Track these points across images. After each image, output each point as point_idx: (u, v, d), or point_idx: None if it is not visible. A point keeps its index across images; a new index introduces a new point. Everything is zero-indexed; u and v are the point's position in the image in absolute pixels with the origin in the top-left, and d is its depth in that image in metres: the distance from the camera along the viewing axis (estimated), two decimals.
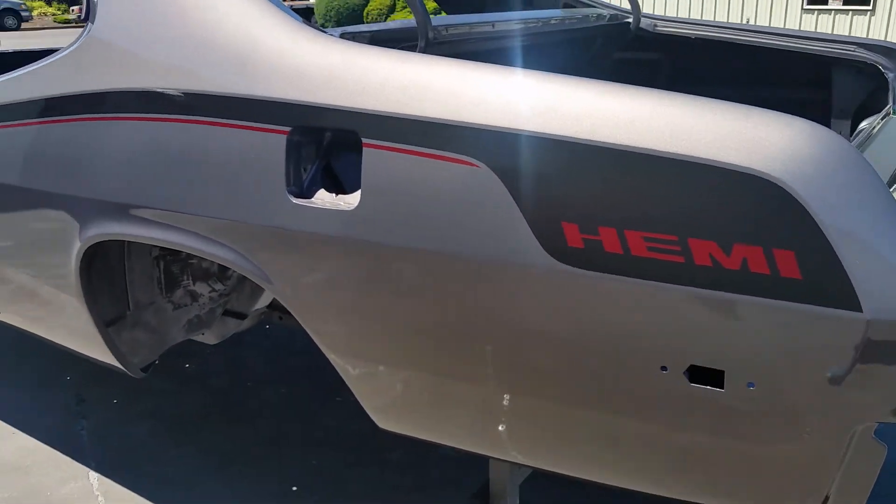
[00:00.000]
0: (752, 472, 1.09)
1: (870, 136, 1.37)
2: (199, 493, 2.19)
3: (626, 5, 2.62)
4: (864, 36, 12.17)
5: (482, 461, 1.68)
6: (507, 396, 1.21)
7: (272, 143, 1.26)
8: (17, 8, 28.81)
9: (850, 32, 13.15)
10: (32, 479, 2.29)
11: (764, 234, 0.94)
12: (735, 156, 0.94)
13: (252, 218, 1.31)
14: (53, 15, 33.36)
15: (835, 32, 13.26)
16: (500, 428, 1.26)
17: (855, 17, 13.13)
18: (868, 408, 0.97)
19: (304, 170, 1.28)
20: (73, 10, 31.92)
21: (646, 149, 0.99)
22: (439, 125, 1.13)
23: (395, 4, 19.49)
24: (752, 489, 1.11)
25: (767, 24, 14.41)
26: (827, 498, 1.07)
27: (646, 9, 15.22)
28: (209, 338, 2.14)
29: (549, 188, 1.06)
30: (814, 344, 0.96)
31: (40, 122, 1.60)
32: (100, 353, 1.84)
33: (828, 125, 2.29)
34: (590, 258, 1.04)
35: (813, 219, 0.92)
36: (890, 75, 2.07)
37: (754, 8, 14.48)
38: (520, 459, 1.30)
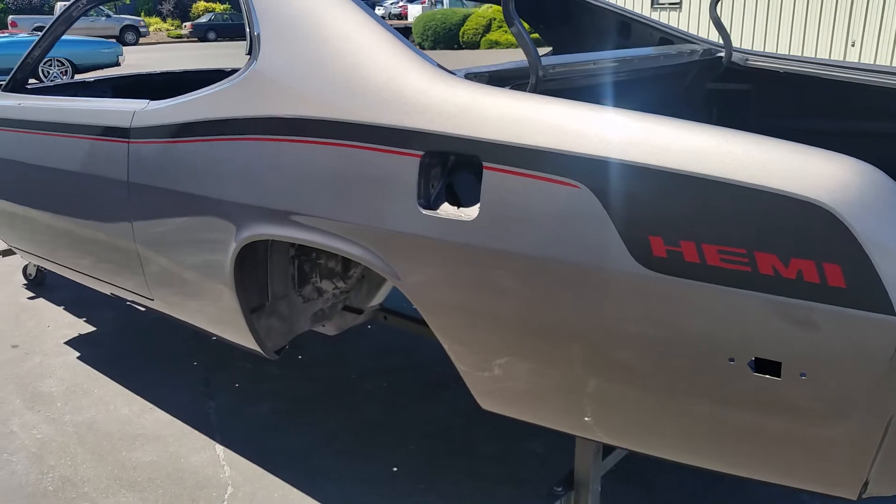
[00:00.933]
0: (803, 453, 1.25)
1: None
2: (310, 467, 2.47)
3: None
4: None
5: (566, 456, 1.88)
6: (595, 382, 1.42)
7: (408, 164, 1.52)
8: (136, 25, 30.91)
9: None
10: (170, 447, 2.62)
11: (816, 250, 1.12)
12: (793, 185, 1.13)
13: (387, 224, 1.57)
14: (167, 30, 35.50)
15: None
16: (588, 410, 1.47)
17: None
18: None
19: (433, 186, 1.53)
20: (185, 27, 33.94)
21: (720, 177, 1.19)
22: (547, 153, 1.36)
23: (490, 24, 19.91)
24: (803, 469, 1.28)
25: (875, 48, 13.93)
26: (867, 483, 1.23)
27: (747, 38, 15.00)
28: (329, 329, 2.42)
29: (639, 207, 1.26)
30: (856, 340, 1.13)
31: (210, 140, 1.92)
32: (242, 336, 2.14)
33: None
34: (672, 266, 1.24)
35: (856, 239, 1.09)
36: None
37: (860, 31, 14.05)
38: (604, 439, 1.50)
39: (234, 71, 3.99)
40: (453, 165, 1.53)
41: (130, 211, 2.26)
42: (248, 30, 1.95)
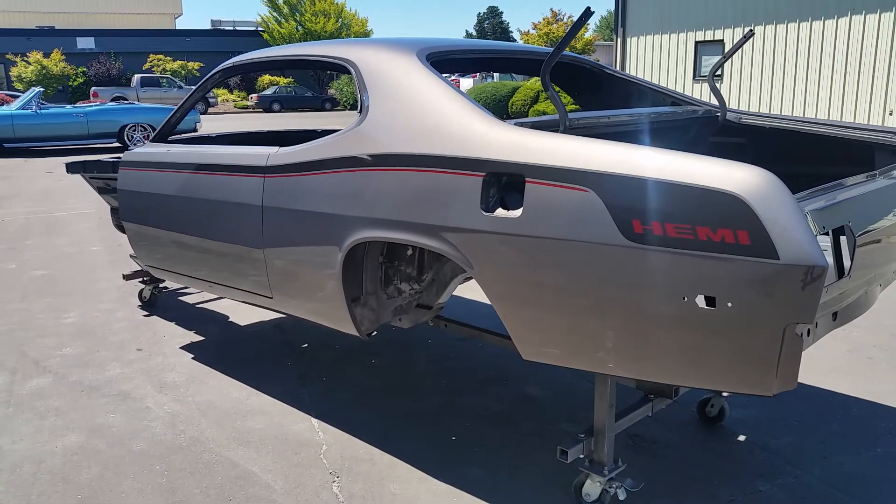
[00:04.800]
0: (736, 362, 1.85)
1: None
2: (386, 434, 3.10)
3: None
4: None
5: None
6: (604, 325, 2.04)
7: (474, 182, 2.21)
8: (206, 95, 32.80)
9: None
10: (274, 419, 3.30)
11: (732, 222, 1.76)
12: (720, 184, 1.78)
13: (459, 223, 2.25)
14: (234, 101, 37.57)
15: None
16: (600, 348, 2.07)
17: None
18: (790, 312, 1.74)
19: (491, 195, 2.22)
20: (251, 98, 35.92)
21: (675, 181, 1.84)
22: (568, 170, 2.03)
23: (538, 96, 20.89)
24: (737, 375, 1.87)
25: None
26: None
27: (787, 104, 15.40)
28: (405, 322, 3.10)
29: (625, 202, 1.91)
30: (759, 277, 1.74)
31: (331, 172, 2.66)
32: (343, 322, 2.82)
33: None
34: (646, 238, 1.88)
35: (756, 215, 1.73)
36: None
37: None
38: (616, 371, 2.08)
39: (324, 129, 4.81)
40: (506, 181, 2.23)
41: (262, 227, 3.00)
42: (359, 96, 2.71)
